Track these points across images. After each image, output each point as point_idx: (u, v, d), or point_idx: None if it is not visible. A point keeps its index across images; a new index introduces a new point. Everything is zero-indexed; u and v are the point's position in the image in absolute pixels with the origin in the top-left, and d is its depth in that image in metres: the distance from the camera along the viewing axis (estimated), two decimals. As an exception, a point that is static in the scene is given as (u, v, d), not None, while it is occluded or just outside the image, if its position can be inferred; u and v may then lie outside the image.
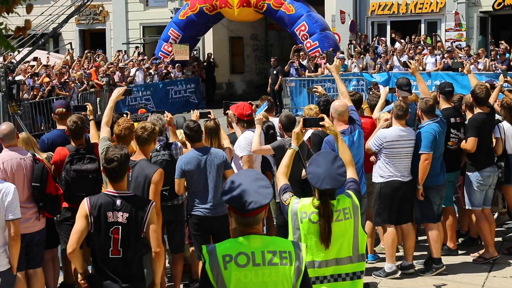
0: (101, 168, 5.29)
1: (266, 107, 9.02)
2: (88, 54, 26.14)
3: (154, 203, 5.25)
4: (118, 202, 5.10)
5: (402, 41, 24.00)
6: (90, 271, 5.23)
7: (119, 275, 5.07)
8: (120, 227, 5.06)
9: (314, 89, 9.52)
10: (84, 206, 5.12)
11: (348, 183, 4.93)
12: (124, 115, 8.21)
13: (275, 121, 9.01)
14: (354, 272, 4.85)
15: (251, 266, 3.69)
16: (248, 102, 9.08)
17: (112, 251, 5.07)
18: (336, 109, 7.23)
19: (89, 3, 20.92)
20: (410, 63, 9.05)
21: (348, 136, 7.10)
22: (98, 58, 25.88)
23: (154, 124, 6.53)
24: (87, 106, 7.97)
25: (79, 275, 5.25)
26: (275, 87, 23.67)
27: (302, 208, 4.74)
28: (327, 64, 8.32)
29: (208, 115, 7.89)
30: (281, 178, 5.01)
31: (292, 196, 4.83)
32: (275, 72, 23.89)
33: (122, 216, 5.08)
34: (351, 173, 5.04)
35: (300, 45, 24.70)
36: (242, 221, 3.76)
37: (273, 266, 3.71)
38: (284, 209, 4.82)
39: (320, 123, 5.39)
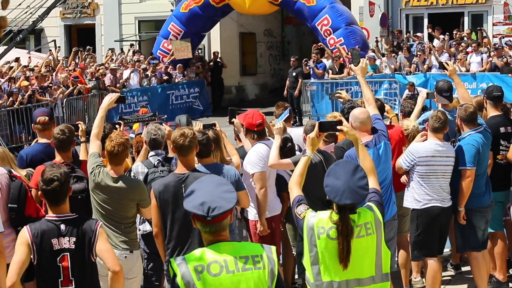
0: (39, 192, 5.46)
1: (288, 115, 9.03)
2: (78, 51, 26.21)
3: (101, 222, 5.45)
4: (63, 227, 5.28)
5: (442, 36, 23.96)
6: None
7: None
8: (68, 254, 5.24)
9: (338, 95, 9.53)
10: (25, 234, 5.26)
11: (369, 194, 5.11)
12: (117, 125, 8.23)
13: (292, 131, 9.00)
14: None
15: (225, 274, 4.09)
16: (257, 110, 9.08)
17: (62, 282, 5.24)
18: (357, 117, 7.25)
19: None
20: (448, 64, 9.04)
21: (373, 149, 7.12)
22: (88, 57, 25.99)
23: (191, 129, 6.60)
24: (79, 125, 7.99)
25: None
26: (293, 91, 23.66)
27: (319, 223, 4.94)
28: (352, 65, 8.32)
29: (213, 127, 7.88)
30: (295, 188, 5.27)
31: (308, 209, 5.05)
32: (294, 74, 23.86)
33: (69, 241, 5.25)
34: (372, 183, 5.24)
35: (320, 43, 24.68)
36: (208, 229, 4.16)
37: (247, 272, 4.12)
38: (299, 223, 5.05)
39: (338, 127, 5.59)
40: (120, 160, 6.87)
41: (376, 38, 25.18)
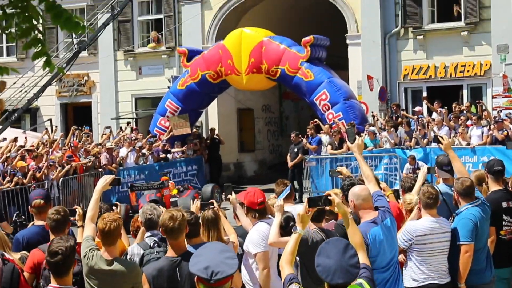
0: (44, 262, 5.65)
1: (288, 192, 9.06)
2: (76, 130, 26.34)
3: None
4: None
5: (440, 109, 24.09)
6: None
7: None
8: None
9: (338, 170, 9.56)
10: None
11: (359, 271, 5.19)
12: (114, 207, 8.26)
13: (294, 209, 8.99)
14: None
15: None
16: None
17: None
18: (358, 194, 7.16)
19: (68, 68, 21.13)
20: (442, 138, 9.07)
21: (380, 225, 7.05)
22: (84, 136, 26.07)
23: (180, 210, 6.62)
24: (76, 210, 8.04)
25: None
26: (294, 167, 23.80)
27: None
28: (348, 142, 8.40)
29: (211, 207, 7.92)
30: (286, 267, 5.46)
31: None
32: (296, 149, 23.99)
33: None
34: (362, 259, 5.39)
35: (316, 120, 24.81)
36: None
37: None
38: None
39: (329, 198, 5.76)
40: (113, 239, 6.83)
41: (372, 112, 25.23)
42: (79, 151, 23.86)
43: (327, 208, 7.79)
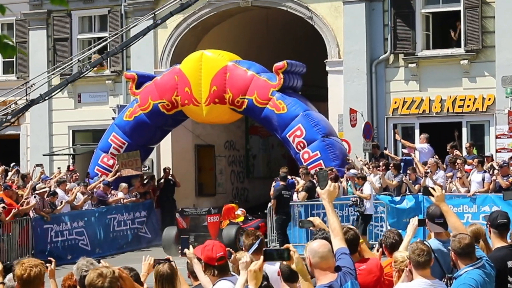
0: None
1: (257, 246, 9.01)
2: (6, 169, 26.06)
3: None
4: None
5: (423, 146, 24.12)
6: None
7: None
8: None
9: (310, 219, 9.48)
10: None
11: None
12: (48, 264, 8.23)
13: (266, 267, 8.96)
14: None
15: None
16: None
17: None
18: (316, 251, 7.04)
19: (14, 120, 21.04)
20: (434, 190, 9.05)
21: (338, 289, 7.01)
22: (15, 176, 25.77)
23: (108, 267, 6.64)
24: None
25: None
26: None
27: None
28: (318, 188, 8.35)
29: (168, 261, 7.91)
30: None
31: None
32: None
33: None
34: None
35: (284, 167, 24.83)
36: None
37: None
38: None
39: (291, 251, 5.95)
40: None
41: (350, 158, 25.22)
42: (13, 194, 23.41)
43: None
